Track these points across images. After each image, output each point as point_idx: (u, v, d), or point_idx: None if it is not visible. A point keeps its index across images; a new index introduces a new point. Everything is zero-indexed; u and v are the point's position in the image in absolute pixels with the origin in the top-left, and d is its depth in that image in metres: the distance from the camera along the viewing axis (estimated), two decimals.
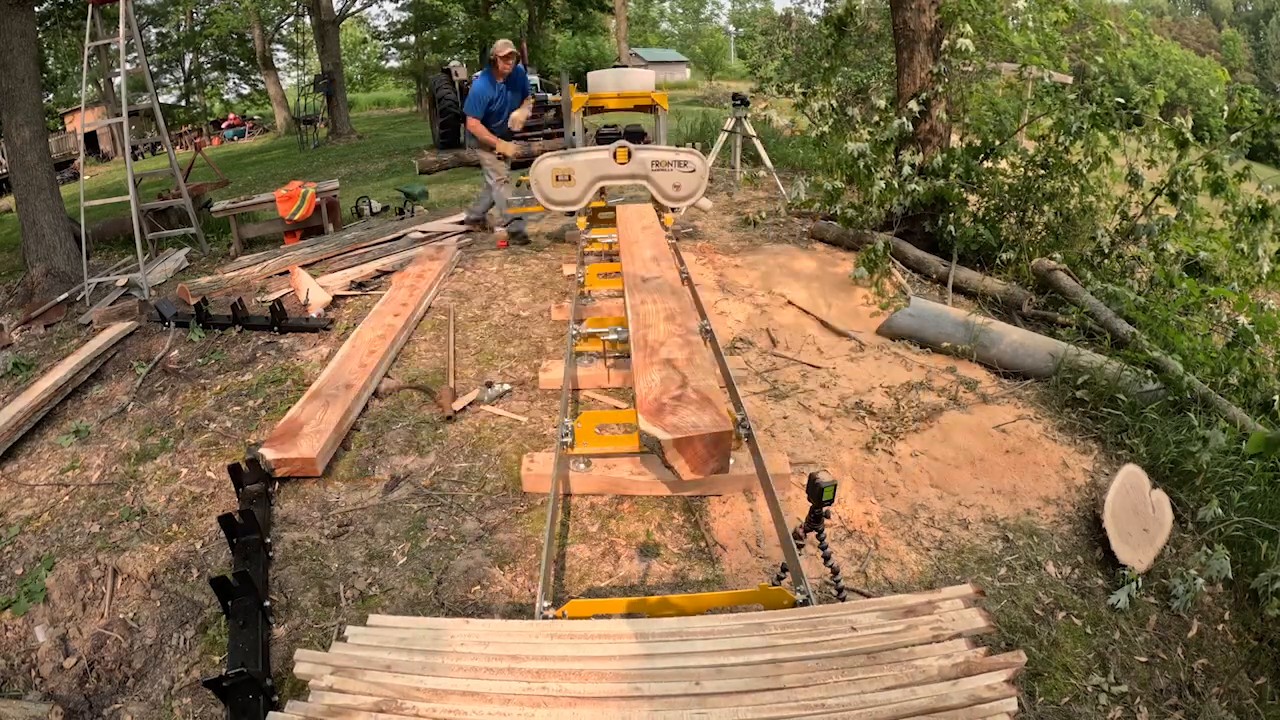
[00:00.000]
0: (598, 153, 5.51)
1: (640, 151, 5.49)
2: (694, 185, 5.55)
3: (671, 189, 5.53)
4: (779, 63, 15.67)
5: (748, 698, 1.61)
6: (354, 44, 40.33)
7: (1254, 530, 2.91)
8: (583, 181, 5.46)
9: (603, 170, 5.46)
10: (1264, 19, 48.72)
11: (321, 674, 1.70)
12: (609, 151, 5.45)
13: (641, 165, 5.46)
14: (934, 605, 1.84)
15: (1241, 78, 39.15)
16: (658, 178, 5.49)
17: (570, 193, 5.51)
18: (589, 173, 5.45)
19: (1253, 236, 4.92)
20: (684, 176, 5.48)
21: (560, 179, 5.43)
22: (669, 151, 5.55)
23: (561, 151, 5.57)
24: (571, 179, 5.43)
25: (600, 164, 5.46)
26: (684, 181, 5.51)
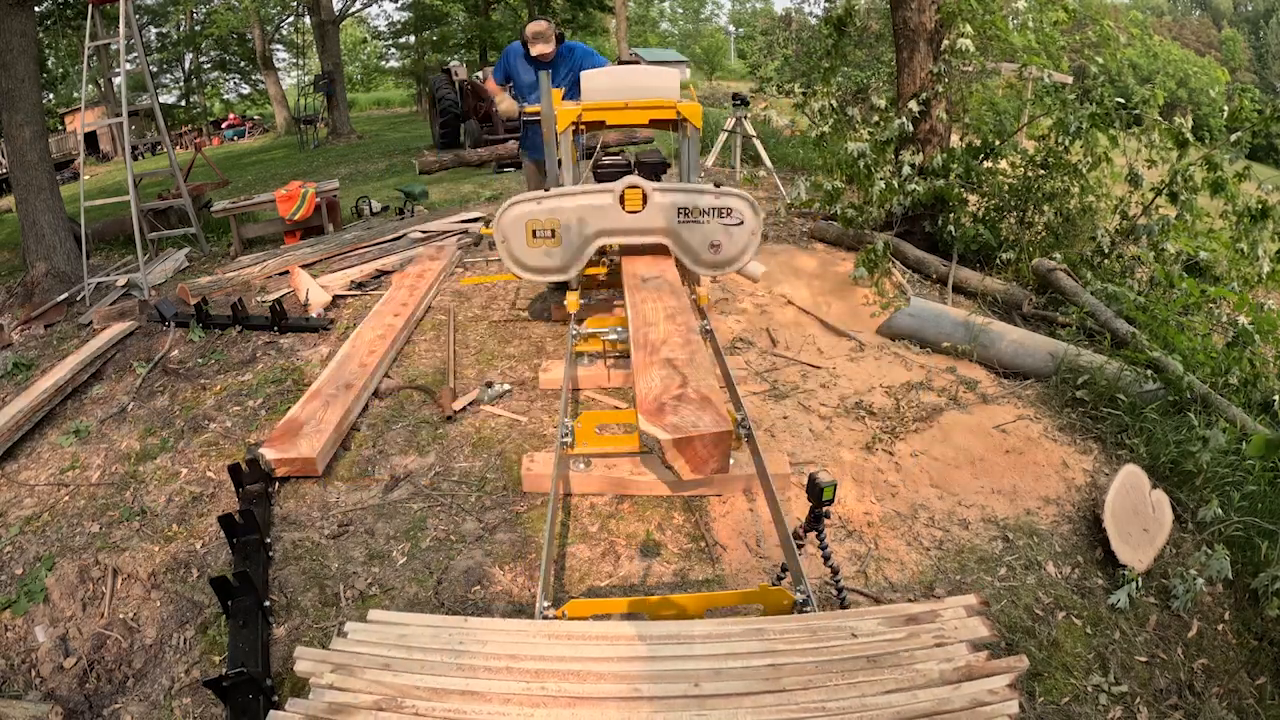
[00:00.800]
0: (595, 195, 3.73)
1: (661, 193, 3.70)
2: (740, 243, 3.74)
3: (707, 250, 3.74)
4: (779, 63, 15.70)
5: (747, 700, 1.61)
6: (354, 44, 40.34)
7: (1254, 530, 2.91)
8: (572, 240, 3.71)
9: (603, 222, 3.71)
10: (1264, 19, 48.72)
11: (321, 671, 1.70)
12: (613, 194, 3.69)
13: (663, 214, 3.69)
14: (936, 614, 1.84)
15: (1241, 78, 39.16)
16: (687, 234, 3.72)
17: (553, 256, 3.75)
18: (582, 227, 3.69)
19: (1253, 236, 4.93)
20: (727, 231, 3.70)
21: (539, 235, 3.68)
22: (705, 193, 3.69)
23: (538, 194, 3.71)
24: (555, 235, 3.68)
25: (599, 213, 3.70)
26: (727, 238, 3.71)
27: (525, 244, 3.72)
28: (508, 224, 3.71)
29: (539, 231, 3.69)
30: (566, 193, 3.75)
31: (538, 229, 3.69)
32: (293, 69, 28.27)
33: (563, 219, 3.68)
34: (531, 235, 3.70)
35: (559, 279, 3.91)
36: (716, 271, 3.88)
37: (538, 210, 3.67)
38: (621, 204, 3.67)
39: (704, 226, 3.70)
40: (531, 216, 3.68)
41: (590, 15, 26.22)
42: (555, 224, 3.69)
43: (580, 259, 3.79)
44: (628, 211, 3.69)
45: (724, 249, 3.75)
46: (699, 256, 3.78)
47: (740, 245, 3.76)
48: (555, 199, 3.69)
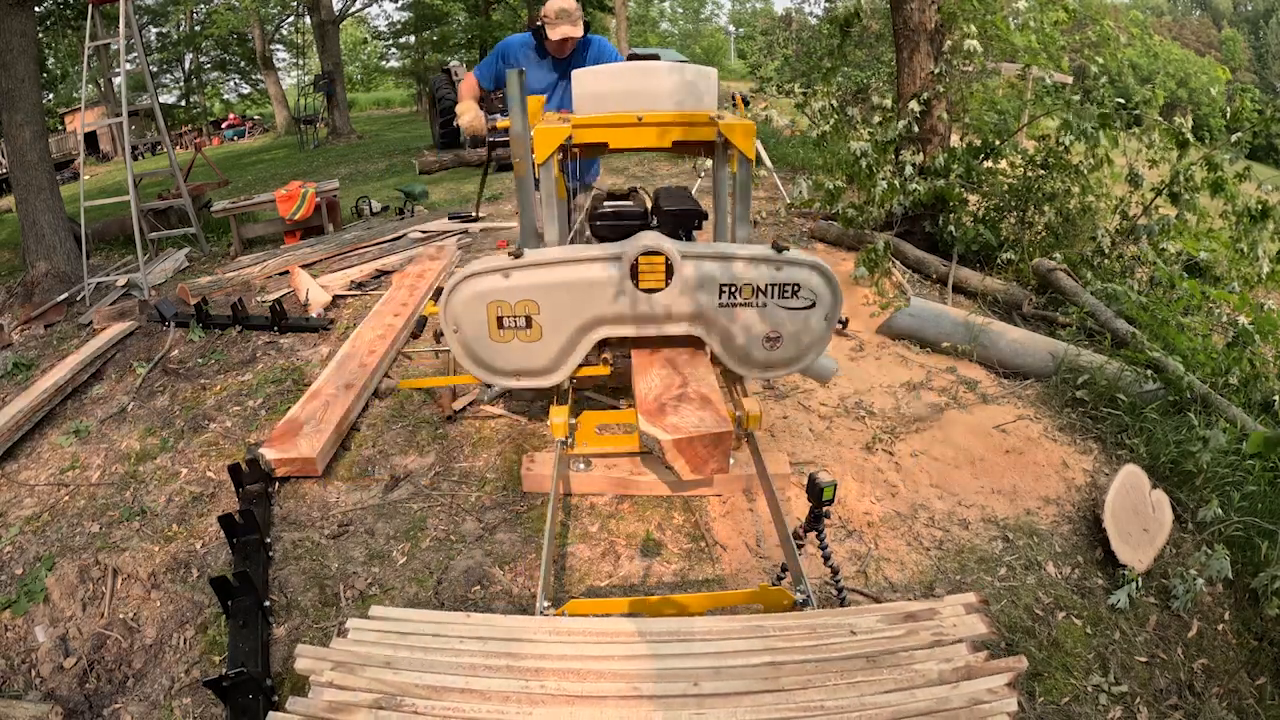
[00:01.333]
0: (594, 265, 2.54)
1: (695, 261, 2.52)
2: (811, 335, 2.63)
3: (760, 346, 2.63)
4: (779, 63, 15.69)
5: (746, 699, 1.61)
6: (354, 44, 40.33)
7: (1254, 530, 2.91)
8: (559, 332, 2.58)
9: (606, 305, 2.56)
10: (1264, 19, 48.72)
11: (322, 669, 1.71)
12: (621, 262, 2.51)
13: (696, 293, 2.54)
14: (935, 612, 1.84)
15: (1241, 78, 39.15)
16: (731, 323, 2.59)
17: (532, 354, 2.62)
18: (574, 311, 2.56)
19: (1252, 236, 4.92)
20: (791, 317, 2.57)
21: (508, 325, 2.54)
22: (762, 261, 2.52)
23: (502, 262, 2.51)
24: (532, 325, 2.54)
25: (600, 291, 2.54)
26: (791, 327, 2.60)
27: (488, 336, 2.54)
28: (461, 306, 2.50)
29: (508, 319, 2.51)
30: (548, 260, 2.51)
31: (506, 316, 2.50)
32: (293, 69, 28.27)
33: (544, 301, 2.49)
34: (497, 324, 2.52)
35: (538, 385, 2.74)
36: (772, 374, 2.76)
37: (505, 287, 2.47)
38: (634, 277, 2.48)
39: (759, 312, 2.56)
40: (497, 296, 2.48)
41: (590, 15, 26.21)
42: (532, 308, 2.49)
43: (570, 358, 2.63)
44: (643, 289, 2.50)
45: (785, 343, 2.61)
46: (748, 354, 2.65)
47: (810, 337, 2.62)
48: (532, 269, 2.48)
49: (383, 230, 6.85)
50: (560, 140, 2.66)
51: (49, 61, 22.64)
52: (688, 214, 2.93)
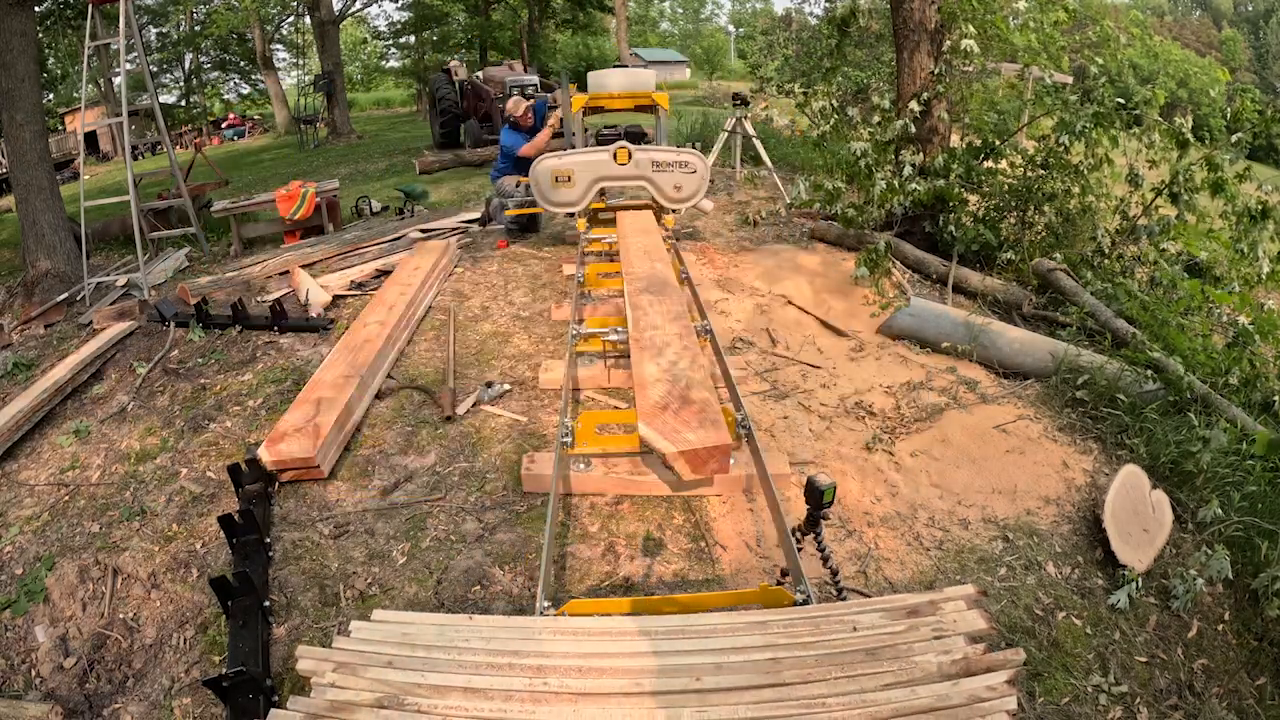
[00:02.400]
0: (597, 154, 5.48)
1: (640, 152, 5.46)
2: (695, 186, 5.50)
3: (673, 190, 5.50)
4: (779, 63, 15.69)
5: (748, 694, 1.61)
6: (354, 44, 40.32)
7: (1254, 530, 2.91)
8: (582, 183, 5.44)
9: (603, 171, 5.43)
10: (1264, 19, 48.72)
11: (323, 670, 1.71)
12: (609, 152, 5.43)
13: (642, 166, 5.43)
14: (936, 606, 1.84)
15: (1241, 78, 39.17)
16: (658, 179, 5.47)
17: (570, 194, 5.50)
18: (589, 174, 5.42)
19: (1252, 237, 4.92)
20: (685, 178, 5.45)
21: (560, 180, 5.43)
22: (670, 152, 5.50)
23: (561, 153, 5.56)
24: (571, 180, 5.43)
25: (600, 165, 5.42)
26: (685, 182, 5.47)
27: (551, 186, 5.49)
28: (540, 173, 5.47)
29: (560, 178, 5.48)
30: (579, 152, 5.62)
31: (559, 175, 5.47)
32: (293, 69, 28.27)
33: (576, 169, 5.46)
34: (554, 180, 5.48)
35: (573, 210, 5.66)
36: (680, 205, 5.64)
37: (560, 163, 5.48)
38: (614, 159, 5.44)
39: (671, 174, 5.49)
40: (556, 167, 5.47)
41: (590, 15, 26.23)
42: (571, 172, 5.47)
43: (588, 195, 5.57)
44: (619, 164, 5.44)
45: (684, 189, 5.57)
46: (668, 195, 5.59)
47: (694, 187, 5.58)
48: (571, 156, 5.54)
49: (383, 230, 6.84)
50: (584, 103, 6.24)
51: (49, 61, 22.63)
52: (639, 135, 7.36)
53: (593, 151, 5.54)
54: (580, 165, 5.40)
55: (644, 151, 5.47)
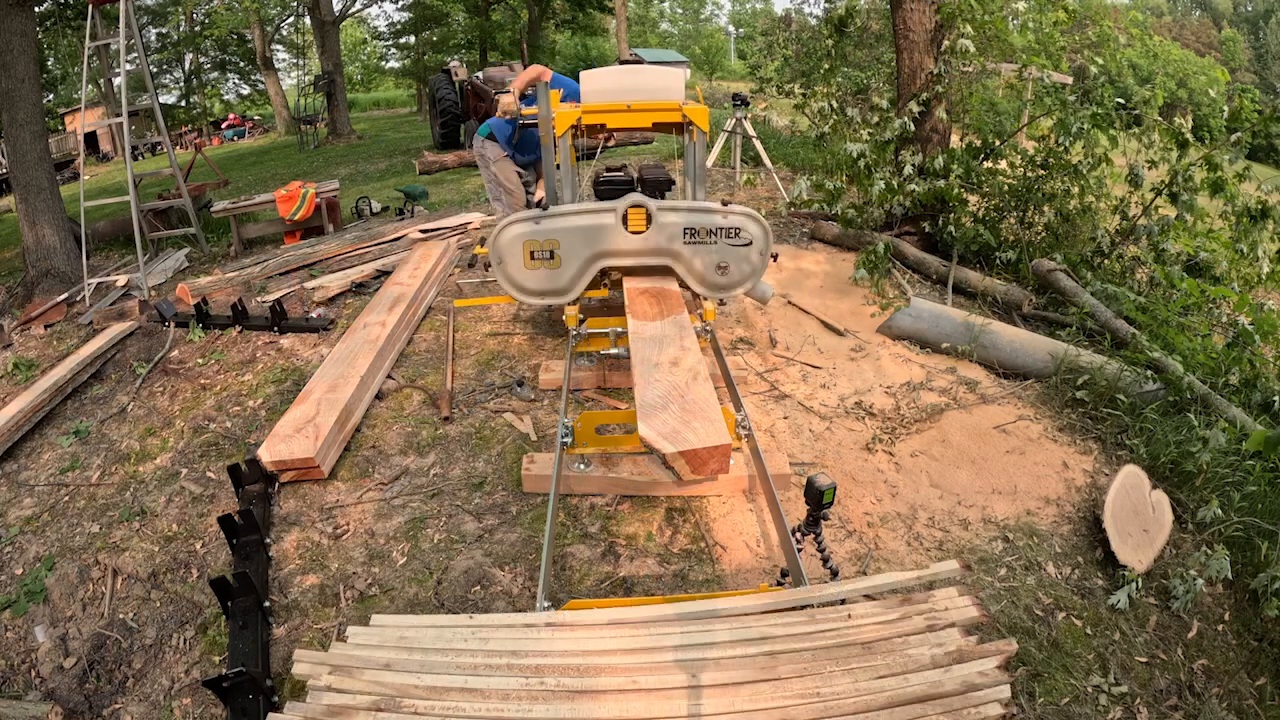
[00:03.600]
0: (596, 214, 3.48)
1: (666, 212, 3.46)
2: (749, 265, 3.53)
3: (714, 273, 3.53)
4: (779, 63, 15.70)
5: (745, 689, 1.62)
6: (354, 44, 40.33)
7: (1254, 530, 2.91)
8: (573, 261, 3.51)
9: (605, 243, 3.49)
10: (1264, 19, 48.72)
11: (320, 674, 1.71)
12: (615, 213, 3.44)
13: (668, 235, 3.48)
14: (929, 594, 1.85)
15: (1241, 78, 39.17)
16: (693, 256, 3.50)
17: (553, 278, 3.54)
18: (582, 247, 3.49)
19: (1252, 237, 4.92)
20: (735, 252, 3.49)
21: (537, 257, 3.48)
22: (712, 211, 3.46)
23: (535, 212, 3.50)
24: (554, 257, 3.49)
25: (600, 233, 3.48)
26: (734, 260, 3.50)
27: (523, 265, 3.50)
28: (505, 245, 3.48)
29: (537, 253, 3.48)
30: (566, 211, 3.50)
31: (536, 250, 3.48)
32: (293, 69, 28.28)
33: (563, 240, 3.47)
34: (529, 256, 3.48)
35: (559, 302, 3.66)
36: (724, 294, 3.62)
37: (536, 231, 3.46)
38: (624, 224, 3.43)
39: (712, 248, 3.48)
40: (530, 237, 3.46)
41: (590, 15, 26.21)
42: (554, 245, 3.47)
43: (581, 281, 3.57)
44: (631, 232, 3.44)
45: (732, 271, 3.53)
46: (706, 279, 3.55)
47: (749, 267, 3.53)
48: (554, 219, 3.47)
49: (383, 231, 6.84)
50: (572, 120, 3.65)
51: (49, 61, 22.62)
52: (661, 181, 3.85)
53: (589, 210, 3.50)
54: (569, 233, 3.47)
55: (672, 211, 3.48)
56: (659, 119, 3.82)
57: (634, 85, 3.78)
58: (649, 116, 3.78)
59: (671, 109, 3.74)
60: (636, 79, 3.82)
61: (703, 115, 3.64)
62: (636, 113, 3.74)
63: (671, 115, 3.76)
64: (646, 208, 3.42)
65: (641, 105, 3.73)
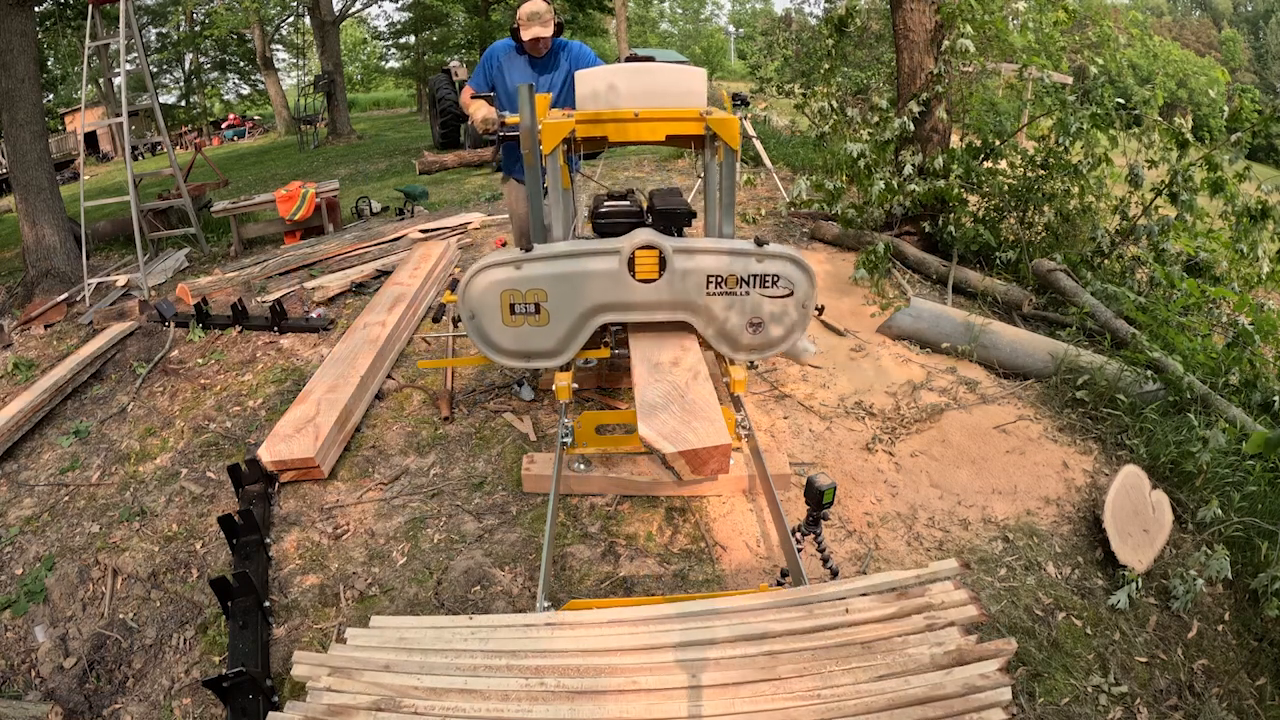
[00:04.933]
0: (596, 258, 2.80)
1: (685, 256, 2.79)
2: (790, 321, 2.90)
3: (744, 330, 2.89)
4: (779, 63, 15.69)
5: (745, 689, 1.62)
6: (354, 44, 40.33)
7: (1254, 530, 2.91)
8: (564, 316, 2.82)
9: (605, 293, 2.80)
10: (1264, 19, 48.72)
11: (319, 675, 1.71)
12: (618, 253, 2.76)
13: (687, 284, 2.80)
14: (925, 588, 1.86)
15: (1241, 78, 39.16)
16: (719, 310, 2.85)
17: (539, 336, 2.85)
18: (577, 299, 2.81)
19: (1252, 236, 4.92)
20: (772, 305, 2.85)
21: (519, 311, 2.80)
22: (745, 254, 2.79)
23: (515, 254, 2.77)
24: (540, 311, 2.80)
25: (601, 281, 2.79)
26: (771, 314, 2.87)
27: (501, 321, 2.80)
28: (478, 295, 2.75)
29: (519, 306, 2.77)
30: (555, 253, 2.78)
31: (517, 302, 2.76)
32: (293, 69, 28.29)
33: (551, 290, 2.76)
34: (509, 310, 2.78)
35: (547, 365, 2.98)
36: (755, 356, 2.99)
37: (517, 278, 2.73)
38: (630, 270, 2.76)
39: (743, 300, 2.82)
40: (509, 286, 2.74)
41: (590, 15, 26.21)
42: (540, 296, 2.76)
43: (575, 341, 2.88)
44: (639, 280, 2.78)
45: (767, 328, 2.88)
46: (734, 338, 2.90)
47: (789, 322, 2.88)
48: (540, 262, 2.74)
49: (383, 231, 6.84)
50: (565, 133, 2.86)
51: (49, 61, 22.62)
52: (678, 213, 3.06)
53: (585, 252, 2.82)
54: (559, 282, 2.77)
55: (692, 253, 2.80)
56: (674, 130, 3.04)
57: (643, 88, 3.01)
58: (661, 128, 3.02)
59: (690, 118, 2.98)
60: (646, 81, 3.03)
61: (731, 128, 2.84)
62: (646, 123, 2.98)
63: (691, 127, 3.00)
64: (660, 249, 2.74)
65: (652, 114, 2.97)
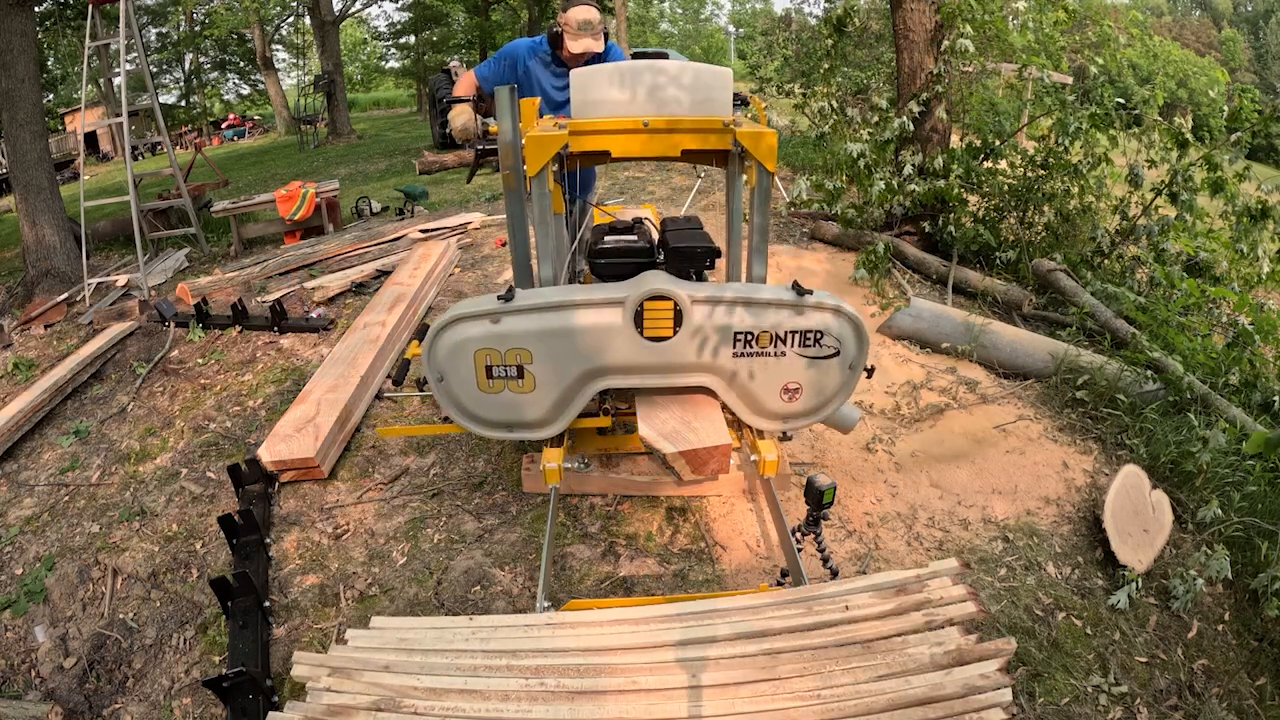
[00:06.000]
0: (594, 310, 2.28)
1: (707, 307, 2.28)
2: (833, 385, 2.40)
3: (777, 397, 2.40)
4: (779, 63, 15.70)
5: (745, 689, 1.62)
6: (354, 44, 40.33)
7: (1254, 530, 2.91)
8: (553, 382, 2.33)
9: (606, 354, 2.31)
10: (1264, 19, 48.72)
11: (319, 675, 1.71)
12: (621, 304, 2.26)
13: (708, 342, 2.31)
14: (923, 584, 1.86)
15: (1241, 78, 39.15)
16: (747, 373, 2.36)
17: (524, 405, 2.37)
18: (570, 360, 2.30)
19: (1252, 237, 4.92)
20: (812, 366, 2.35)
21: (498, 375, 2.30)
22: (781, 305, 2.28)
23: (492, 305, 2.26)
24: (525, 376, 2.31)
25: (599, 339, 2.28)
26: (811, 378, 2.37)
27: (476, 386, 2.31)
28: (446, 355, 2.27)
29: (498, 369, 2.27)
30: (542, 304, 2.24)
31: (496, 365, 2.26)
32: (293, 69, 28.29)
33: (537, 350, 2.25)
34: (486, 374, 2.28)
35: (533, 437, 2.47)
36: (789, 427, 2.50)
37: (494, 335, 2.23)
38: (637, 326, 2.24)
39: (776, 361, 2.31)
40: (485, 345, 2.23)
41: None
42: (524, 356, 2.25)
43: (568, 410, 2.39)
44: (648, 339, 2.26)
45: (805, 394, 2.37)
46: (764, 406, 2.41)
47: (832, 387, 2.39)
48: (523, 315, 2.22)
49: (383, 230, 6.84)
50: (556, 149, 2.32)
51: (49, 61, 22.62)
52: (698, 251, 2.53)
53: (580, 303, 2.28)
54: (547, 340, 2.27)
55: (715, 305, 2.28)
56: (693, 144, 2.50)
57: (654, 91, 2.48)
58: (677, 140, 2.47)
59: (713, 128, 2.46)
60: (658, 82, 2.48)
61: (767, 144, 2.36)
62: (657, 134, 2.44)
63: (714, 140, 2.47)
64: (675, 301, 2.21)
65: (666, 123, 2.44)
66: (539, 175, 2.36)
